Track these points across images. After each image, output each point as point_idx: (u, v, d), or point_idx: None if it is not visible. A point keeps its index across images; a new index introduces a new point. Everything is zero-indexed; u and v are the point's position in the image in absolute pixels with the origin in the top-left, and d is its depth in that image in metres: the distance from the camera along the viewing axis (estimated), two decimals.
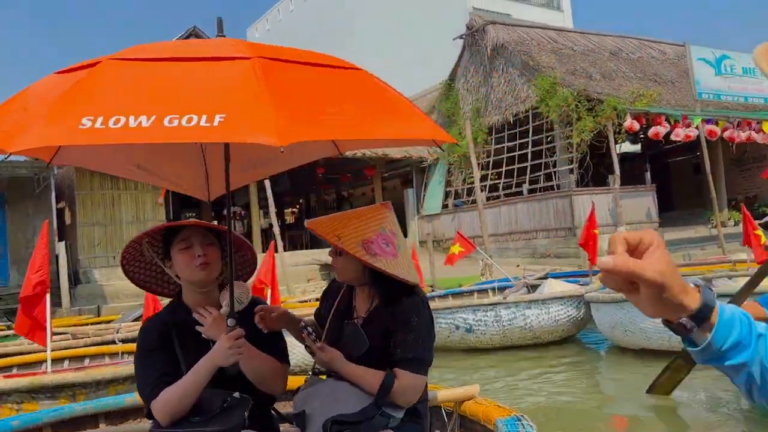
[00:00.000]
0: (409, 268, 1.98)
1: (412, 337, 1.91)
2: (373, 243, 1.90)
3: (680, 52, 16.58)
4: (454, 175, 16.55)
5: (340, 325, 2.07)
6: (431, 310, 2.03)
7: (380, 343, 1.95)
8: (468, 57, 16.79)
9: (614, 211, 12.85)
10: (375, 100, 1.67)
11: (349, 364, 1.95)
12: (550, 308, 6.82)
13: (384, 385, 1.87)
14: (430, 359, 1.95)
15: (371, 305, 2.02)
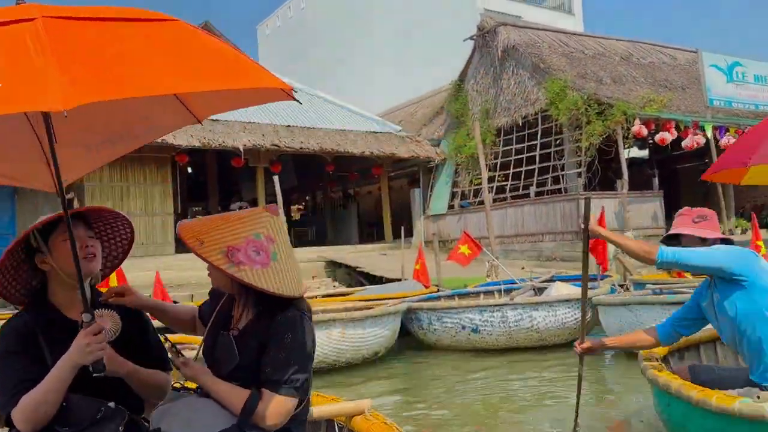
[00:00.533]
0: (286, 279, 1.78)
1: (284, 356, 1.76)
2: (239, 250, 1.73)
3: (691, 58, 16.54)
4: (461, 175, 16.56)
5: (216, 334, 1.92)
6: (312, 326, 1.87)
7: (252, 359, 1.80)
8: (478, 58, 16.79)
9: (621, 216, 12.84)
10: (191, 52, 1.50)
11: (215, 381, 1.82)
12: (558, 310, 6.84)
13: (246, 407, 1.73)
14: (304, 381, 1.78)
15: (247, 317, 1.88)
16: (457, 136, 16.68)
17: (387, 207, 18.06)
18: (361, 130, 16.66)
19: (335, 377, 6.25)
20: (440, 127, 18.38)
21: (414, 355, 7.32)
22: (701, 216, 2.79)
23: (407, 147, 16.51)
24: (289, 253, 1.86)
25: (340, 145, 15.32)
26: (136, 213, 13.65)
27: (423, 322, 7.31)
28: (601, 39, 17.36)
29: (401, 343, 7.49)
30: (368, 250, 16.19)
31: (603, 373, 6.15)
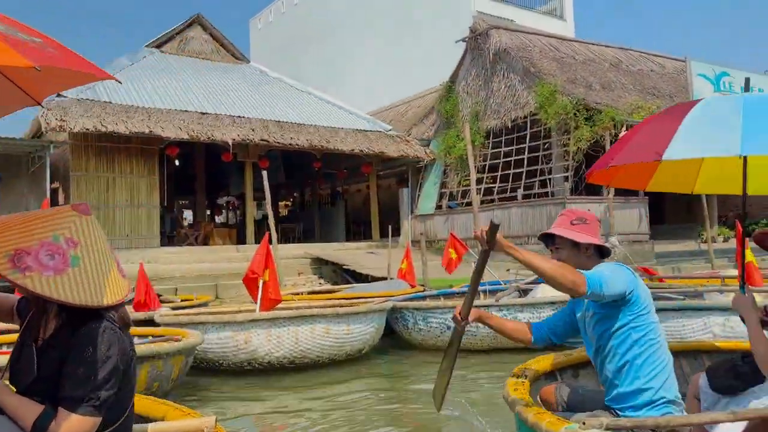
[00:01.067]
0: (86, 287, 1.61)
1: (83, 371, 1.60)
2: (29, 254, 1.56)
3: (680, 67, 16.73)
4: (450, 176, 16.62)
5: (22, 343, 1.77)
6: (123, 339, 1.71)
7: (54, 372, 1.64)
8: (470, 60, 16.86)
9: (606, 221, 12.96)
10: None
11: (10, 395, 1.66)
12: (542, 313, 6.88)
13: (36, 426, 1.58)
14: (107, 398, 1.62)
15: (51, 327, 1.73)
16: (447, 136, 16.73)
17: (375, 205, 18.07)
18: (351, 127, 16.65)
19: (317, 373, 6.25)
20: (430, 128, 18.42)
21: (398, 353, 7.34)
22: (580, 219, 2.61)
23: (397, 146, 16.52)
24: (100, 259, 1.68)
25: (329, 142, 15.30)
26: (122, 204, 13.54)
27: (408, 322, 7.32)
28: (591, 45, 17.50)
29: (386, 342, 7.51)
30: (355, 249, 16.19)
31: None
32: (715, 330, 5.35)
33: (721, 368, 2.51)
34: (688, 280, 9.71)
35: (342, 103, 18.54)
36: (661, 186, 3.48)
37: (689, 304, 5.67)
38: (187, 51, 18.81)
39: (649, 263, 12.43)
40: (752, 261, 7.20)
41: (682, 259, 13.64)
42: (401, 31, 27.78)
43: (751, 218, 16.75)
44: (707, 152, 2.56)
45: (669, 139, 2.48)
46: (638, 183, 3.54)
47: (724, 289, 6.83)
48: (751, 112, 2.44)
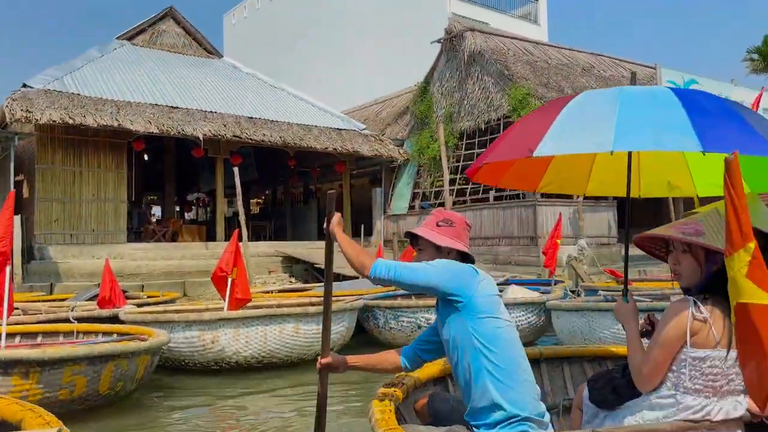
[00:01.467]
0: None
1: None
2: None
3: (650, 74, 17.05)
4: (423, 177, 16.66)
5: None
6: None
7: None
8: (444, 61, 16.92)
9: (576, 224, 13.14)
10: None
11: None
12: (512, 314, 6.92)
13: None
14: None
15: None
16: (421, 137, 16.77)
17: (348, 205, 18.01)
18: (325, 125, 16.57)
19: (286, 373, 6.19)
20: (404, 128, 18.45)
21: (369, 352, 7.30)
22: (447, 221, 2.44)
23: (371, 145, 16.49)
24: None
25: (303, 140, 15.19)
26: (88, 199, 13.23)
27: (379, 320, 7.31)
28: (564, 50, 17.72)
29: (356, 341, 7.48)
30: None
31: None
32: None
33: (600, 380, 2.39)
34: (655, 282, 9.91)
35: (316, 101, 18.44)
36: (552, 187, 3.29)
37: (655, 305, 5.77)
38: (158, 44, 18.49)
39: (617, 266, 12.64)
40: None
41: (648, 263, 13.89)
42: (376, 30, 27.77)
43: None
44: (579, 148, 2.36)
45: (542, 134, 2.31)
46: (528, 184, 3.34)
47: None
48: (627, 106, 2.29)
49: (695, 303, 2.03)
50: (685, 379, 2.04)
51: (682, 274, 2.15)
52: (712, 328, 2.00)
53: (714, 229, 2.05)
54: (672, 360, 2.07)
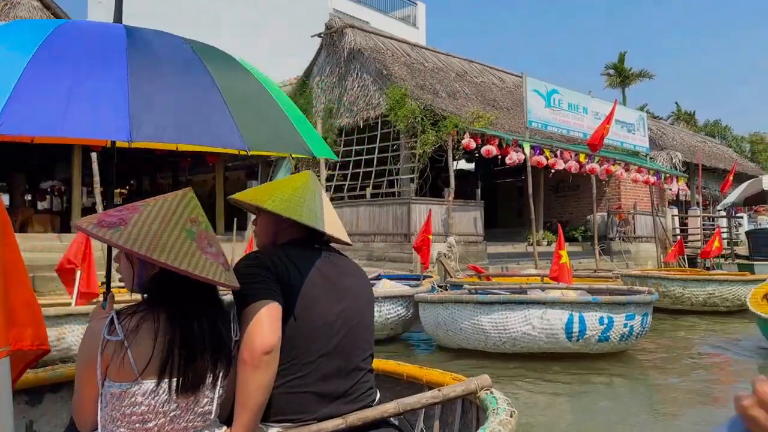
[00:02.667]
0: None
1: None
2: None
3: (517, 82, 18.11)
4: (301, 172, 16.46)
5: None
6: None
7: None
8: (325, 56, 16.83)
9: (446, 222, 13.62)
10: None
11: None
12: (382, 307, 7.01)
13: None
14: None
15: None
16: None
17: (221, 198, 17.36)
18: None
19: None
20: None
21: None
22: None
23: None
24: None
25: None
26: None
27: None
28: (440, 54, 18.32)
29: None
30: None
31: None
32: (534, 322, 5.79)
33: None
34: (513, 278, 10.52)
35: None
36: None
37: (513, 297, 6.09)
38: (12, 16, 16.67)
39: (483, 263, 13.27)
40: (566, 262, 7.92)
41: (511, 260, 14.74)
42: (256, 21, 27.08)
43: (571, 225, 18.61)
44: None
45: None
46: None
47: (545, 286, 7.44)
48: None
49: (112, 319, 1.52)
50: (109, 421, 1.52)
51: (123, 273, 1.68)
52: (129, 353, 1.48)
53: (148, 220, 1.53)
54: (98, 396, 1.53)
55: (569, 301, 5.83)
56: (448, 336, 6.38)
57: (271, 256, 1.79)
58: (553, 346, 5.84)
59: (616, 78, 43.94)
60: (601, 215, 17.85)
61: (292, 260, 1.80)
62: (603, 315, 5.71)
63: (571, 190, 19.43)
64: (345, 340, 1.81)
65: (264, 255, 1.81)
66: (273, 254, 1.81)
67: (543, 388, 5.10)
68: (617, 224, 18.31)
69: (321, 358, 1.76)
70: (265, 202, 1.86)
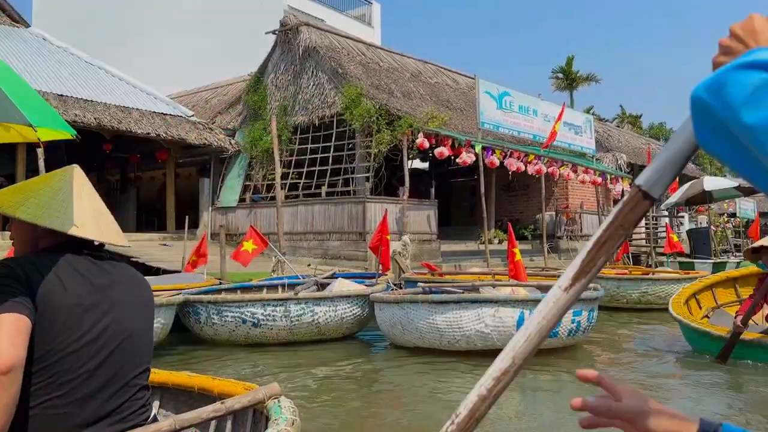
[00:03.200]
0: None
1: None
2: None
3: (470, 84, 18.43)
4: (255, 169, 16.30)
5: None
6: None
7: None
8: (279, 53, 16.72)
9: (401, 221, 13.77)
10: None
11: None
12: (338, 306, 7.08)
13: None
14: None
15: None
16: (254, 128, 16.40)
17: (171, 195, 17.05)
18: (147, 109, 15.48)
19: None
20: (236, 118, 17.90)
21: (187, 350, 7.00)
22: None
23: (199, 134, 15.76)
24: None
25: (122, 123, 14.05)
26: None
27: (201, 316, 7.02)
28: (395, 54, 18.46)
29: (173, 338, 7.12)
30: (147, 240, 15.11)
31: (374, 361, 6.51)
32: (487, 320, 5.97)
33: None
34: (465, 276, 10.74)
35: (139, 83, 17.16)
36: None
37: (466, 296, 6.26)
38: None
39: (436, 261, 13.48)
40: (520, 260, 8.17)
41: (463, 258, 15.02)
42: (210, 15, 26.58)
43: (521, 224, 19.08)
44: None
45: None
46: None
47: (496, 284, 7.65)
48: None
49: None
50: None
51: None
52: None
53: None
54: None
55: (520, 299, 6.04)
56: (404, 335, 6.50)
57: (25, 265, 1.61)
58: (506, 343, 6.01)
59: (564, 81, 45.16)
60: (550, 214, 18.37)
61: (51, 269, 1.63)
62: None
63: (522, 189, 19.92)
64: (114, 355, 1.67)
65: (16, 264, 1.62)
66: (29, 263, 1.64)
67: None
68: (565, 223, 18.89)
69: (84, 376, 1.61)
70: (17, 210, 1.65)
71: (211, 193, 17.02)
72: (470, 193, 21.14)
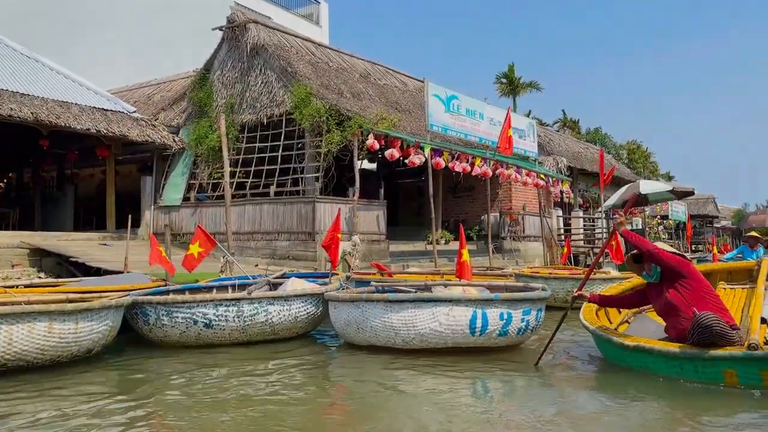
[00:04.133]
0: None
1: None
2: None
3: (419, 86, 18.63)
4: (201, 167, 15.96)
5: None
6: None
7: None
8: (226, 50, 16.43)
9: (351, 221, 13.79)
10: None
11: None
12: (292, 305, 7.06)
13: None
14: None
15: None
16: (199, 126, 16.05)
17: (112, 193, 16.47)
18: (87, 104, 14.91)
19: (35, 377, 5.48)
20: (181, 114, 17.47)
21: (136, 353, 6.81)
22: None
23: (141, 130, 15.29)
24: None
25: (60, 118, 13.48)
26: None
27: (150, 317, 6.85)
28: (344, 55, 18.46)
29: (121, 341, 6.92)
30: (85, 239, 14.56)
31: (329, 360, 6.53)
32: (441, 319, 6.09)
33: None
34: (415, 275, 10.88)
35: (78, 77, 16.50)
36: None
37: (421, 296, 6.36)
38: None
39: (385, 261, 13.58)
40: (467, 260, 8.36)
41: (411, 258, 15.19)
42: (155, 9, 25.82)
43: (467, 225, 19.44)
44: None
45: None
46: None
47: (448, 283, 7.80)
48: None
49: None
50: None
51: None
52: None
53: None
54: None
55: (473, 299, 6.18)
56: (359, 333, 6.54)
57: None
58: (458, 341, 6.16)
59: (508, 86, 46.30)
60: (494, 215, 18.81)
61: None
62: (503, 311, 6.11)
63: (467, 191, 20.31)
64: None
65: None
66: None
67: (446, 381, 5.40)
68: (508, 224, 19.39)
69: None
70: None
71: (153, 191, 16.55)
72: (418, 194, 21.38)
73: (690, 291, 5.14)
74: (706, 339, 4.63)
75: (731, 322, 4.94)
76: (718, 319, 4.65)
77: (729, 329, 4.69)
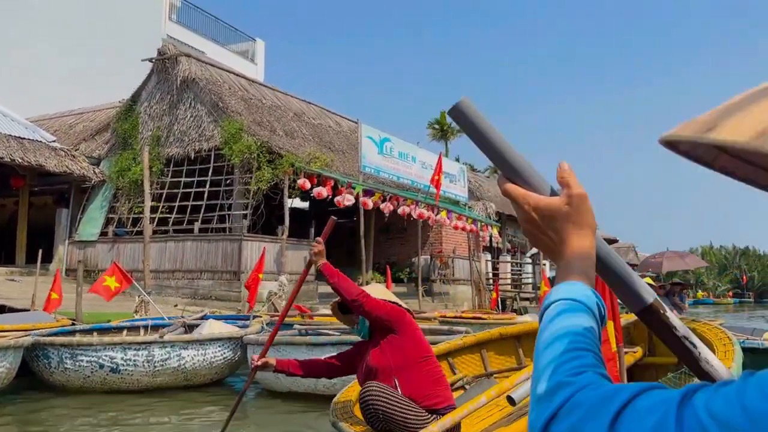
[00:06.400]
0: None
1: None
2: None
3: (353, 127, 18.75)
4: (121, 201, 15.26)
5: None
6: None
7: None
8: (155, 82, 16.01)
9: (279, 260, 13.47)
10: None
11: None
12: (208, 349, 6.69)
13: None
14: None
15: None
16: (122, 158, 15.43)
17: (24, 225, 15.48)
18: (2, 132, 14.07)
19: None
20: (103, 146, 16.77)
21: (33, 397, 6.23)
22: None
23: (60, 160, 14.54)
24: None
25: None
26: None
27: (52, 360, 6.31)
28: (278, 93, 18.40)
29: (18, 385, 6.32)
30: None
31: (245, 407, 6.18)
32: None
33: None
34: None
35: None
36: None
37: (344, 338, 6.18)
38: None
39: (313, 302, 13.29)
40: None
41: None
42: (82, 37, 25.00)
43: (398, 266, 19.43)
44: None
45: None
46: None
47: None
48: None
49: None
50: None
51: None
52: None
53: None
54: None
55: None
56: (278, 379, 6.25)
57: None
58: None
59: (439, 132, 47.55)
60: (425, 258, 18.91)
61: None
62: None
63: (399, 233, 20.38)
64: None
65: None
66: None
67: None
68: (439, 267, 19.52)
69: None
70: None
71: (69, 224, 15.66)
72: (350, 234, 21.23)
73: (399, 353, 3.37)
74: (374, 425, 3.13)
75: (434, 401, 3.29)
76: (387, 395, 3.12)
77: (407, 410, 3.13)
